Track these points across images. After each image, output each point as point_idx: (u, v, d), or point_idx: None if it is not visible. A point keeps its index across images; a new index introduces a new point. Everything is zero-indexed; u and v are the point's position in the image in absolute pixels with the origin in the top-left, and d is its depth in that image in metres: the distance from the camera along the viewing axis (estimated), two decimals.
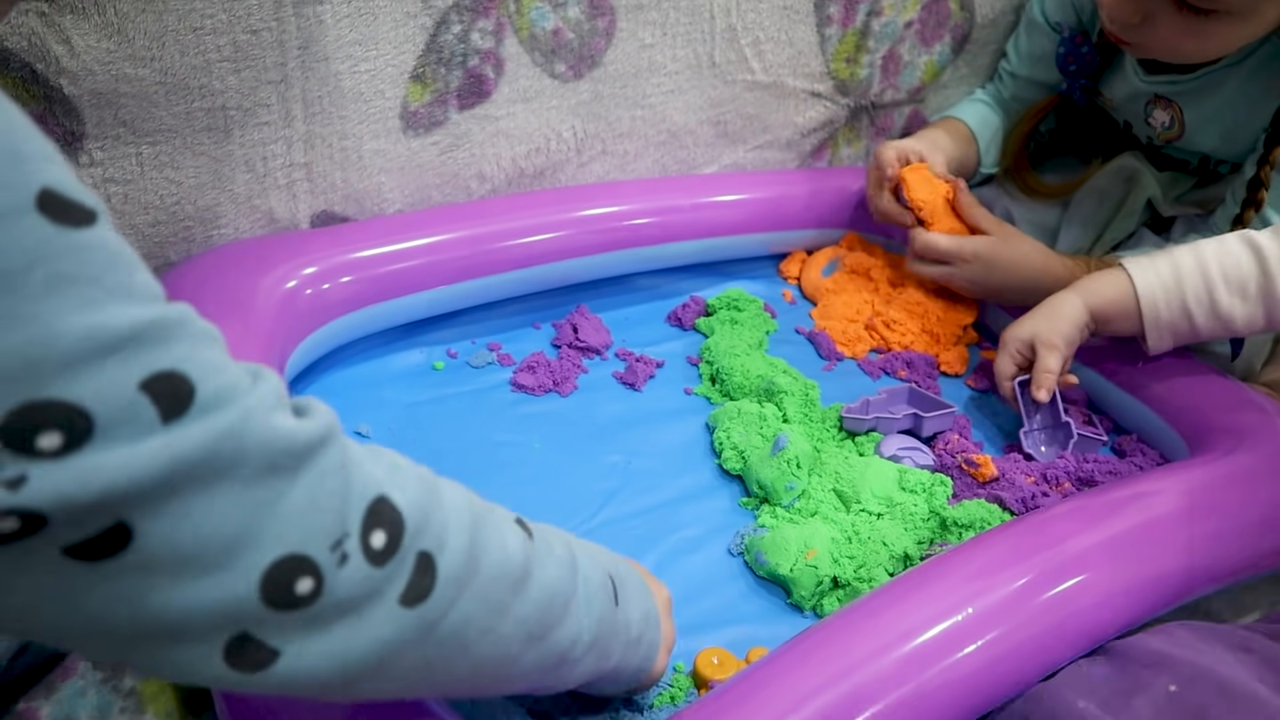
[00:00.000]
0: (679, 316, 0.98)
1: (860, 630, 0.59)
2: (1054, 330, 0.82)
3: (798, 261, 1.08)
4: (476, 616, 0.42)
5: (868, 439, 0.84)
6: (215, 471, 0.32)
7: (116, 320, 0.31)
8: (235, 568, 0.33)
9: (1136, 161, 1.05)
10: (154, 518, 0.31)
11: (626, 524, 0.75)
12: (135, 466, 0.31)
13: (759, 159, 1.11)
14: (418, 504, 0.39)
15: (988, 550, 0.65)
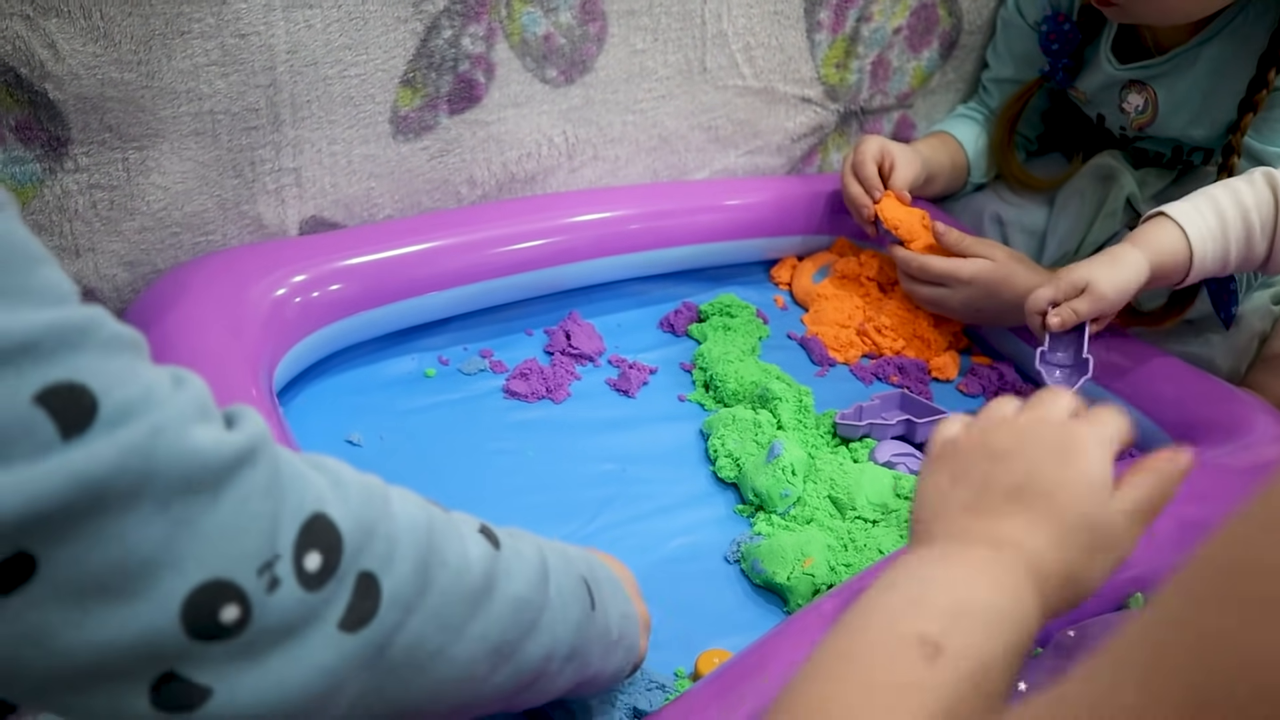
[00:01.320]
0: (671, 322, 0.97)
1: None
2: (1113, 285, 0.80)
3: (789, 267, 1.08)
4: (430, 636, 0.39)
5: (862, 445, 0.84)
6: (124, 492, 0.30)
7: (8, 325, 0.28)
8: (152, 596, 0.30)
9: (1113, 160, 1.06)
10: (58, 544, 0.29)
11: (621, 532, 0.74)
12: (32, 488, 0.28)
13: (750, 164, 1.11)
14: (360, 519, 0.36)
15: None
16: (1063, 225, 1.09)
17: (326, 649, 0.35)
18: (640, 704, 0.61)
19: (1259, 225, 0.80)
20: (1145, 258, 0.80)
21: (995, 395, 0.95)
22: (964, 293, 0.93)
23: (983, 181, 1.15)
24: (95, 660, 0.30)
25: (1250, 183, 0.81)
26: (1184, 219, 0.80)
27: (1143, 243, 0.81)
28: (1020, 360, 0.98)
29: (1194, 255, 0.80)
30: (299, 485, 0.35)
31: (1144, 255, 0.80)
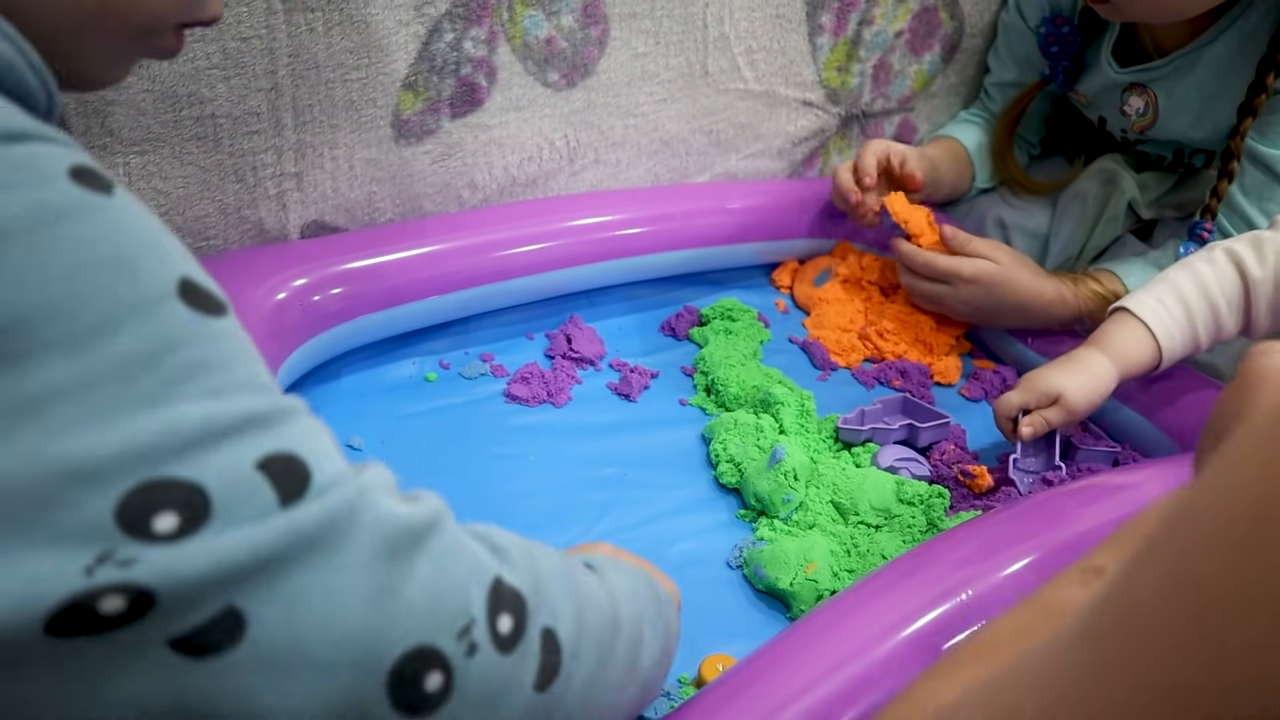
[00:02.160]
0: (672, 326, 0.97)
1: (853, 620, 0.58)
2: (1085, 396, 0.79)
3: (790, 271, 1.08)
4: (594, 675, 0.40)
5: (864, 450, 0.83)
6: (330, 547, 0.31)
7: (237, 406, 0.31)
8: (358, 662, 0.31)
9: (1115, 164, 1.06)
10: (267, 601, 0.29)
11: (623, 537, 0.74)
12: (250, 544, 0.29)
13: (751, 168, 1.11)
14: (530, 577, 0.38)
15: (978, 535, 0.64)
16: (1065, 229, 1.10)
17: (525, 712, 0.35)
18: (645, 711, 0.61)
19: (1224, 304, 0.80)
20: (1114, 365, 0.81)
21: (997, 398, 0.95)
22: (966, 291, 0.93)
23: (987, 186, 1.15)
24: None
25: (1211, 261, 0.81)
26: (1148, 314, 0.81)
27: (1109, 348, 0.81)
28: (1022, 364, 0.98)
29: (1162, 350, 0.80)
30: (473, 551, 0.36)
31: (1112, 363, 0.81)
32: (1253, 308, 0.80)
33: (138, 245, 0.31)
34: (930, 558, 0.63)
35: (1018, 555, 0.62)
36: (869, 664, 0.54)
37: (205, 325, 0.31)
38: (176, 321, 0.31)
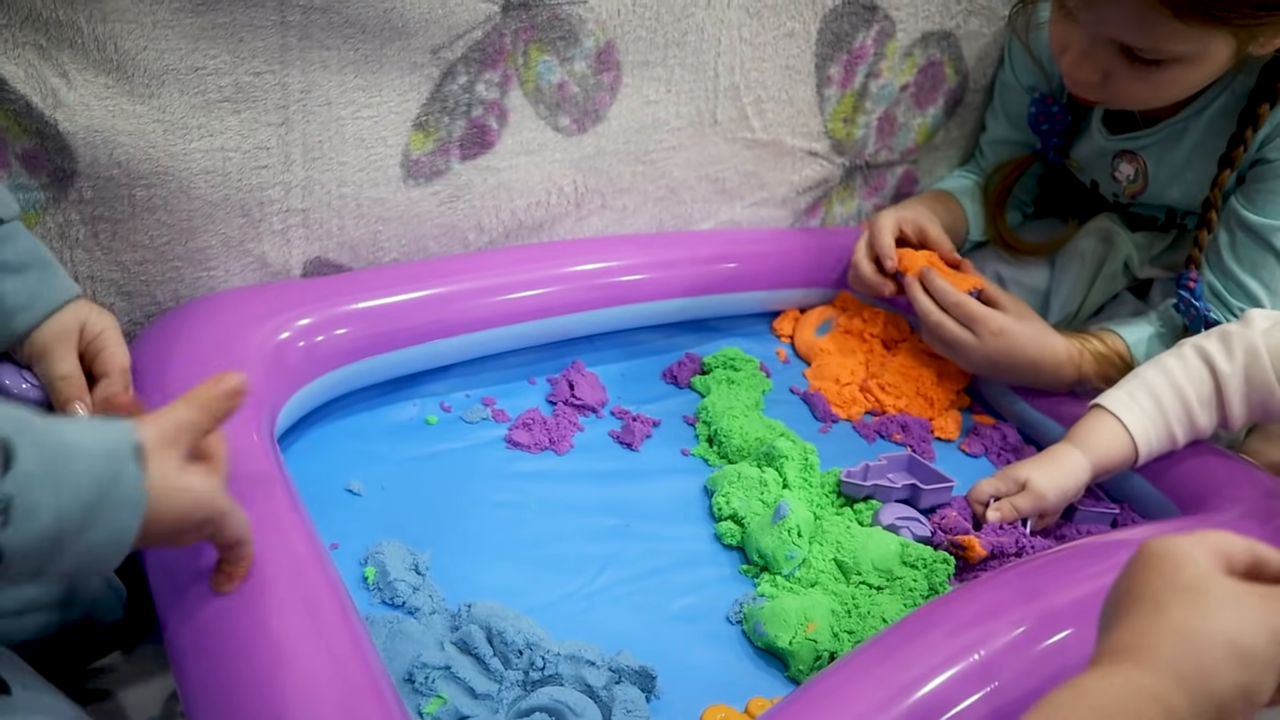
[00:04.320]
0: (674, 374, 0.97)
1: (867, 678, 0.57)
2: (1052, 484, 0.81)
3: (791, 320, 1.07)
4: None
5: (866, 506, 0.83)
6: None
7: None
8: None
9: (1111, 222, 1.07)
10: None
11: (625, 590, 0.73)
12: None
13: (754, 216, 1.11)
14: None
15: (978, 598, 0.64)
16: (1065, 286, 1.10)
17: None
18: None
19: (1195, 400, 0.82)
20: (1086, 457, 0.82)
21: (998, 455, 0.95)
22: (990, 343, 0.92)
23: (981, 239, 1.15)
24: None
25: (1181, 358, 0.84)
26: (1120, 410, 0.82)
27: (1083, 442, 0.83)
28: (1022, 421, 0.98)
29: (1137, 444, 0.82)
30: None
31: (1084, 455, 0.82)
32: (1225, 402, 0.82)
33: None
34: (934, 619, 0.62)
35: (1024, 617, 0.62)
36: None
37: None
38: None
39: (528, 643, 0.65)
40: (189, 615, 0.55)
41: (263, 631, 0.53)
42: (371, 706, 0.52)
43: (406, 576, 0.69)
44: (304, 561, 0.58)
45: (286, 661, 0.52)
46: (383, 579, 0.69)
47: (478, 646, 0.64)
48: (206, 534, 0.52)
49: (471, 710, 0.61)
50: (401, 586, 0.68)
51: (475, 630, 0.65)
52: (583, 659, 0.65)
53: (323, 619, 0.55)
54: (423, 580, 0.70)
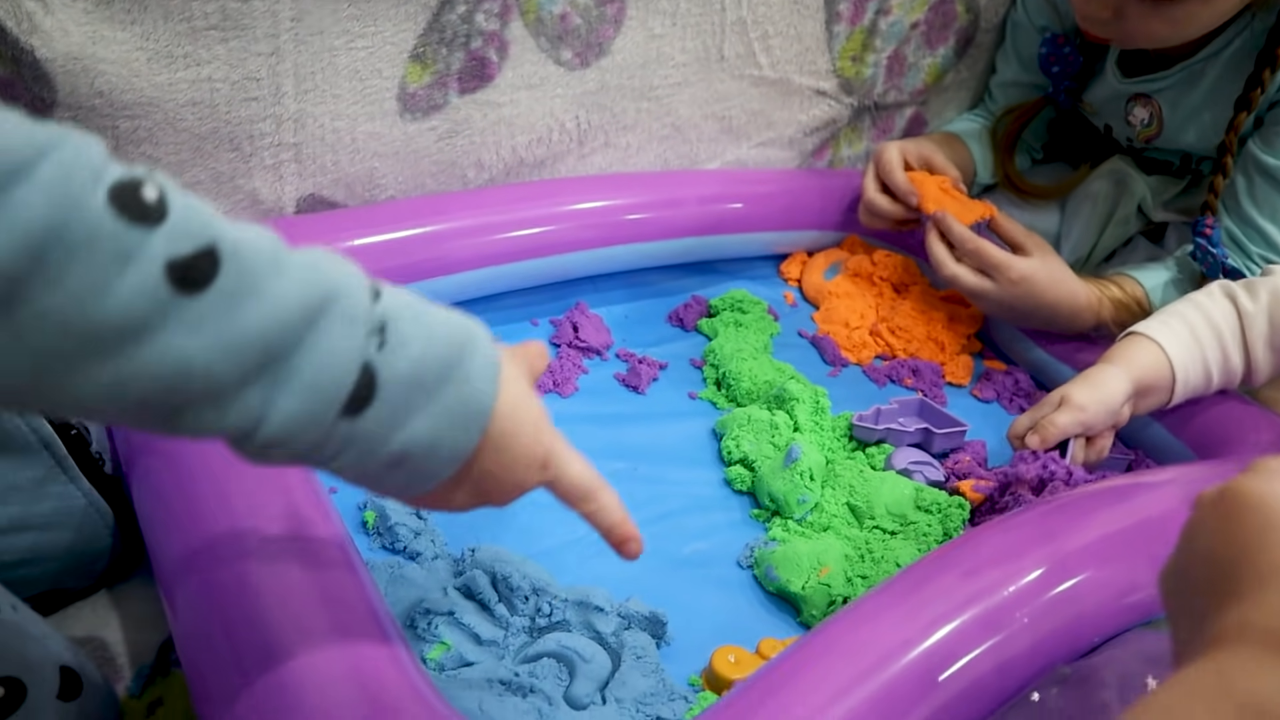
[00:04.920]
0: (680, 316, 0.94)
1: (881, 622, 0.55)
2: (1090, 397, 0.76)
3: (798, 263, 1.05)
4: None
5: (879, 450, 0.81)
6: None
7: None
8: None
9: (1125, 165, 1.04)
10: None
11: None
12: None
13: (761, 156, 1.08)
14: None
15: (992, 542, 0.61)
16: (1076, 230, 1.08)
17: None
18: (664, 714, 0.58)
19: (1229, 336, 0.79)
20: (1124, 371, 0.78)
21: (1010, 401, 0.93)
22: (1008, 291, 0.88)
23: (990, 182, 1.12)
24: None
25: (1209, 294, 0.81)
26: (1157, 334, 0.79)
27: (1118, 359, 0.79)
28: (1034, 366, 0.96)
29: (1175, 370, 0.78)
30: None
31: (1122, 369, 0.78)
32: (1249, 343, 0.79)
33: None
34: (948, 564, 0.60)
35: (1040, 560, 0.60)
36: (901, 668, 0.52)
37: None
38: None
39: (534, 588, 0.63)
40: (182, 561, 0.53)
41: (260, 578, 0.51)
42: (376, 650, 0.49)
43: (407, 521, 0.67)
44: (302, 505, 0.56)
45: (286, 607, 0.50)
46: (383, 523, 0.67)
47: (482, 591, 0.62)
48: (549, 475, 0.47)
49: (476, 656, 0.59)
50: (402, 531, 0.66)
51: (479, 575, 0.63)
52: (591, 605, 0.63)
53: (323, 562, 0.53)
54: (424, 525, 0.67)
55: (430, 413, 0.39)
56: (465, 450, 0.41)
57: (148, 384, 0.33)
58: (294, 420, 0.36)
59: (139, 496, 0.58)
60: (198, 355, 0.33)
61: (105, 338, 0.31)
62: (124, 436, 0.62)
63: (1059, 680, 0.55)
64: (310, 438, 0.37)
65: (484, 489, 0.45)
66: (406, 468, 0.40)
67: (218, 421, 0.35)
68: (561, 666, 0.60)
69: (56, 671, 0.47)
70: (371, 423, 0.38)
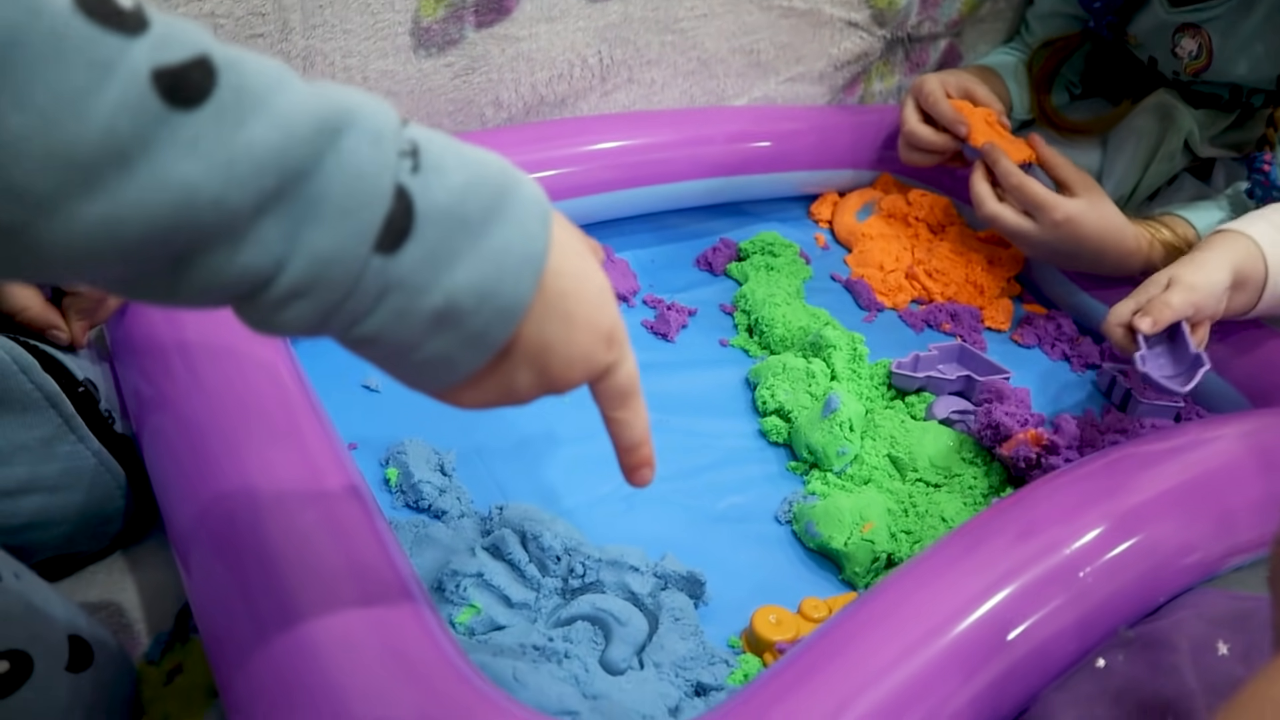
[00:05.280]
0: (709, 260, 0.90)
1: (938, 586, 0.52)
2: (1199, 275, 0.71)
3: (829, 204, 1.01)
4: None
5: (919, 399, 0.77)
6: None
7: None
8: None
9: (1171, 98, 0.99)
10: None
11: (665, 489, 0.68)
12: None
13: (790, 92, 1.03)
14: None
15: (1050, 499, 0.58)
16: (1118, 167, 1.03)
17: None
18: (704, 678, 0.55)
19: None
20: (1224, 258, 0.73)
21: (1051, 346, 0.89)
22: (1052, 234, 0.84)
23: (1026, 118, 1.07)
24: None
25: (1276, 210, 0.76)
26: (1250, 229, 0.74)
27: (1216, 247, 0.74)
28: (1077, 310, 0.92)
29: (1268, 263, 0.73)
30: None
31: (1222, 255, 0.73)
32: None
33: None
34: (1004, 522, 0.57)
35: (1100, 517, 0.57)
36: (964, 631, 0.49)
37: None
38: None
39: (565, 548, 0.60)
40: (195, 522, 0.51)
41: (278, 539, 0.48)
42: (403, 614, 0.47)
43: (431, 477, 0.64)
44: (321, 461, 0.53)
45: (306, 570, 0.47)
46: (405, 480, 0.64)
47: (512, 552, 0.59)
48: (614, 356, 0.40)
49: (508, 620, 0.57)
50: (426, 488, 0.63)
51: (508, 534, 0.60)
52: (625, 564, 0.60)
53: (344, 521, 0.50)
54: (449, 481, 0.65)
55: (477, 256, 0.34)
56: (520, 302, 0.35)
57: (147, 220, 0.28)
58: (321, 256, 0.31)
59: (150, 455, 0.55)
60: (202, 180, 0.28)
61: (89, 164, 0.27)
62: (133, 391, 0.59)
63: (1123, 644, 0.52)
64: (340, 280, 0.31)
65: (547, 366, 0.38)
66: (454, 328, 0.34)
67: (233, 266, 0.30)
68: (596, 630, 0.57)
69: (65, 641, 0.44)
70: (411, 263, 0.32)
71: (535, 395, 0.40)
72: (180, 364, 0.58)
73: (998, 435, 0.72)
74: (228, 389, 0.56)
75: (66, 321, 0.58)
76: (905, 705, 0.46)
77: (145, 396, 0.58)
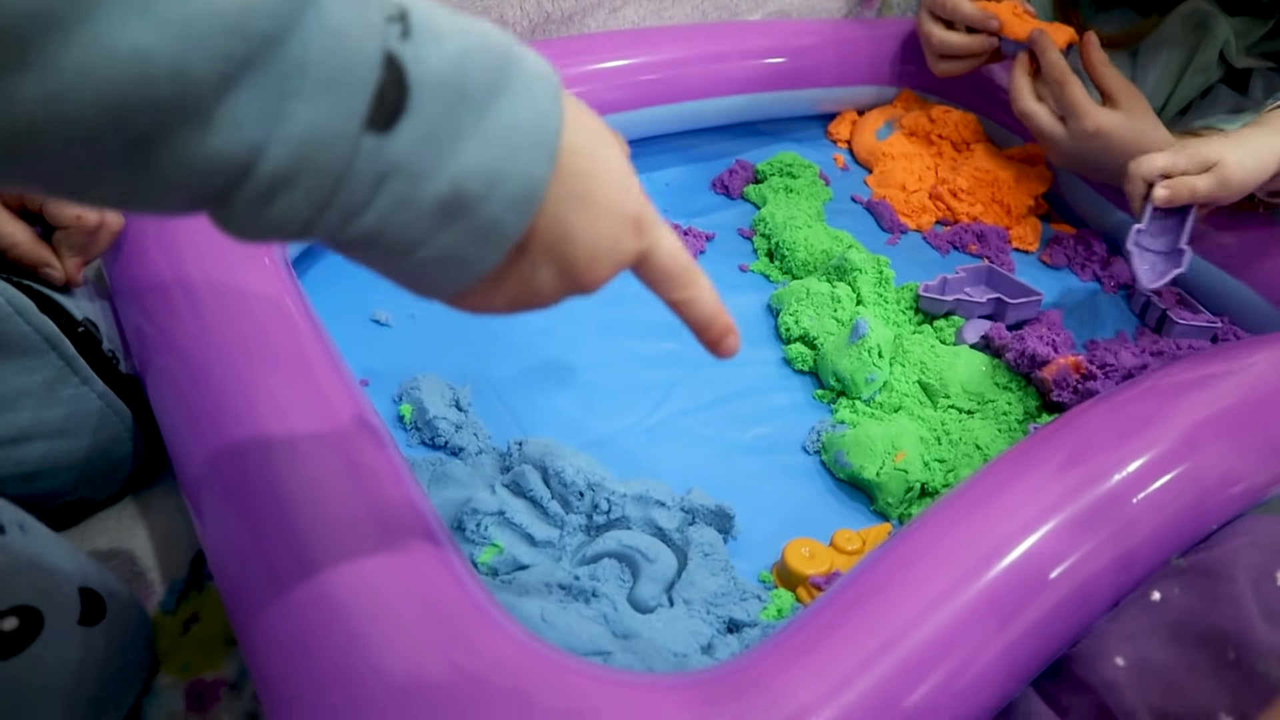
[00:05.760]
0: (725, 183, 0.87)
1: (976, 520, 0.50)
2: (1242, 170, 0.68)
3: (848, 123, 0.97)
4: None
5: (948, 324, 0.75)
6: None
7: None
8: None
9: (1205, 4, 0.94)
10: None
11: (688, 421, 0.66)
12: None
13: (805, 6, 0.99)
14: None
15: (1089, 426, 0.56)
16: (1150, 80, 0.98)
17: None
18: (737, 615, 0.54)
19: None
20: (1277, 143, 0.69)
21: (1081, 268, 0.86)
22: (1080, 144, 0.81)
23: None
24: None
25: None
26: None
27: (1272, 125, 0.70)
28: (1108, 229, 0.89)
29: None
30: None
31: (1275, 141, 0.69)
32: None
33: None
34: (1043, 453, 0.54)
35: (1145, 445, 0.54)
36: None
37: None
38: None
39: (589, 483, 0.58)
40: (206, 466, 0.48)
41: (297, 480, 0.46)
42: (427, 555, 0.45)
43: (447, 413, 0.62)
44: (337, 399, 0.51)
45: (322, 512, 0.45)
46: (421, 417, 0.61)
47: (533, 488, 0.57)
48: (645, 242, 0.36)
49: (531, 559, 0.55)
50: (442, 425, 0.61)
51: (529, 470, 0.58)
52: (651, 499, 0.58)
53: (360, 460, 0.48)
54: (465, 417, 0.62)
55: (484, 134, 0.30)
56: (535, 187, 0.31)
57: (95, 94, 0.24)
58: (304, 136, 0.27)
59: (156, 397, 0.53)
60: (156, 46, 0.24)
61: (17, 34, 0.22)
62: (135, 330, 0.56)
63: (1175, 573, 0.50)
64: (329, 165, 0.27)
65: (570, 259, 0.34)
66: (463, 219, 0.31)
67: (202, 152, 0.26)
68: (624, 567, 0.55)
69: (76, 595, 0.42)
70: (408, 143, 0.29)
71: (561, 295, 0.36)
72: (183, 301, 0.55)
73: (1034, 361, 0.69)
74: (234, 326, 0.53)
75: (59, 258, 0.55)
76: (951, 644, 0.44)
77: (148, 336, 0.55)
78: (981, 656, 0.44)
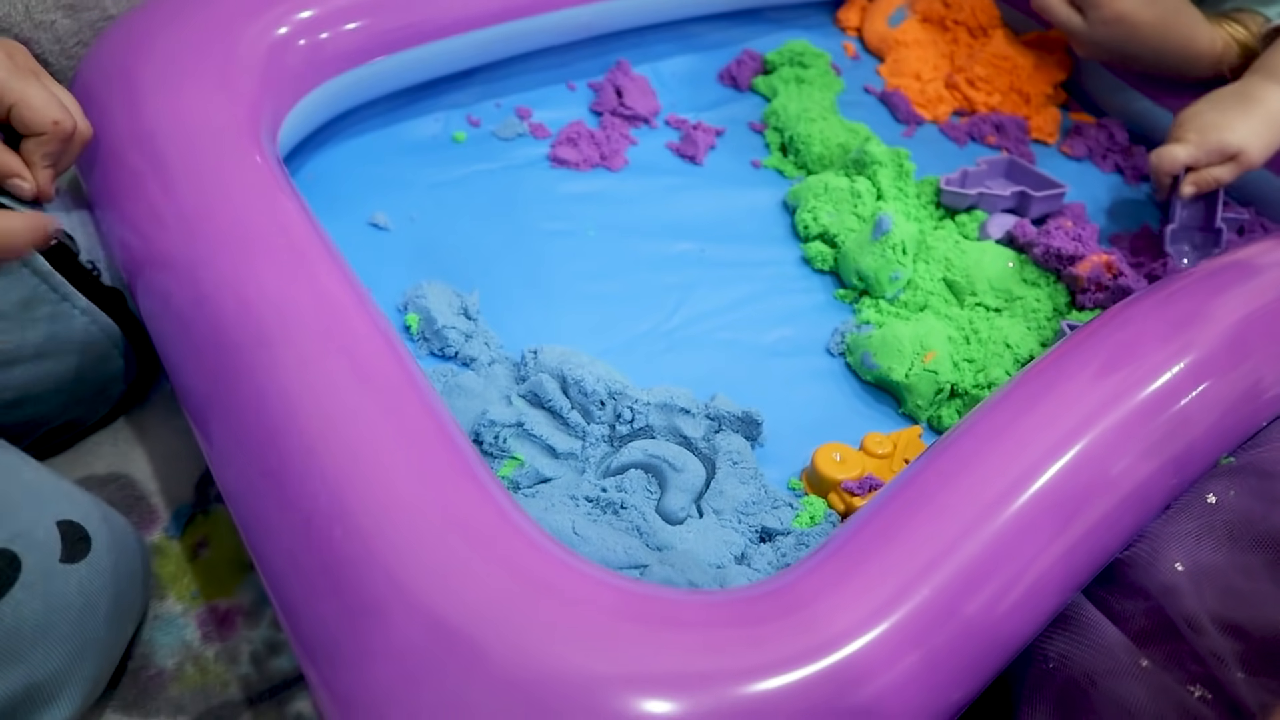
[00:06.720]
0: (733, 75, 0.82)
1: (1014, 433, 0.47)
2: (1264, 151, 0.67)
3: (858, 8, 0.92)
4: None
5: (970, 218, 0.72)
6: None
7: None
8: None
9: None
10: None
11: (709, 325, 0.63)
12: None
13: None
14: None
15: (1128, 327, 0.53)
16: None
17: None
18: (769, 523, 0.52)
19: None
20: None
21: (1103, 158, 0.83)
22: (1102, 32, 0.77)
23: None
24: None
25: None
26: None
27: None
28: (1131, 117, 0.85)
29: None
30: None
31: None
32: None
33: None
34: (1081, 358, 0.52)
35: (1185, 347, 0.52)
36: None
37: None
38: None
39: (610, 391, 0.55)
40: (212, 380, 0.45)
41: (309, 394, 0.43)
42: (451, 468, 0.42)
43: (456, 322, 0.58)
44: (343, 305, 0.47)
45: (344, 426, 0.42)
46: (428, 327, 0.58)
47: (551, 399, 0.54)
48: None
49: (554, 471, 0.52)
50: (452, 334, 0.58)
51: (546, 380, 0.55)
52: (675, 407, 0.55)
53: (373, 368, 0.45)
54: (475, 325, 0.59)
55: None
56: None
57: None
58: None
59: (149, 313, 0.49)
60: None
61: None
62: (119, 241, 0.52)
63: (1226, 473, 0.48)
64: None
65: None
66: None
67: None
68: (650, 478, 0.53)
69: (54, 531, 0.39)
70: None
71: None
72: (169, 208, 0.50)
73: (1063, 258, 0.67)
74: (228, 231, 0.49)
75: (30, 169, 0.51)
76: (1010, 550, 0.42)
77: (134, 248, 0.51)
78: (1040, 562, 0.42)
